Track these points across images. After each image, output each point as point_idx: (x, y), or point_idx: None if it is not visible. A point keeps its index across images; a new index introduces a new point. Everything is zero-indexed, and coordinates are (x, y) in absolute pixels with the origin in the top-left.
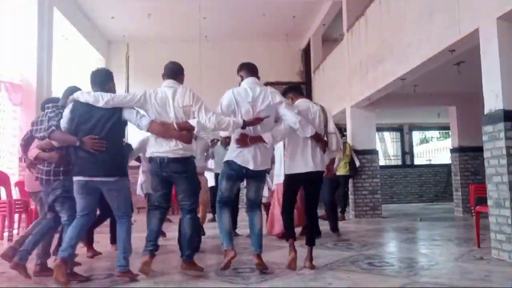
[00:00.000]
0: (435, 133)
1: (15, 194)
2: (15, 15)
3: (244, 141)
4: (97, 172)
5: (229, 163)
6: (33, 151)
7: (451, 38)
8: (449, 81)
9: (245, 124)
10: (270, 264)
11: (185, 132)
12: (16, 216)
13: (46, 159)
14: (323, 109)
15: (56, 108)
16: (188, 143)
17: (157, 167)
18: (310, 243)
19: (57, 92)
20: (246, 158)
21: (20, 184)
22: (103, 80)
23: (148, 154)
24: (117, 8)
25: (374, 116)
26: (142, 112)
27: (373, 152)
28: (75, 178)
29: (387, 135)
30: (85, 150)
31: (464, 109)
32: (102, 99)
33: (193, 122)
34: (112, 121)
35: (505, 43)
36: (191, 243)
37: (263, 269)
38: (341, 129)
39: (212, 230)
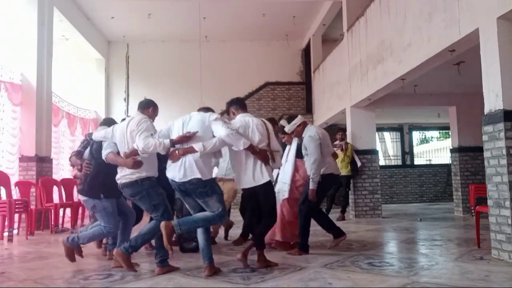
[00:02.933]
0: (435, 133)
1: (15, 194)
2: (15, 15)
3: (174, 155)
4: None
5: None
6: None
7: (451, 38)
8: (449, 81)
9: (173, 143)
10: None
11: (128, 159)
12: (16, 216)
13: None
14: (265, 124)
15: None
16: (132, 167)
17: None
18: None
19: (57, 92)
20: (172, 171)
21: (20, 184)
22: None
23: None
24: (117, 8)
25: (374, 116)
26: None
27: (373, 152)
28: None
29: (387, 135)
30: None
31: (464, 109)
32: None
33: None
34: (94, 148)
35: (505, 43)
36: (137, 241)
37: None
38: (343, 129)
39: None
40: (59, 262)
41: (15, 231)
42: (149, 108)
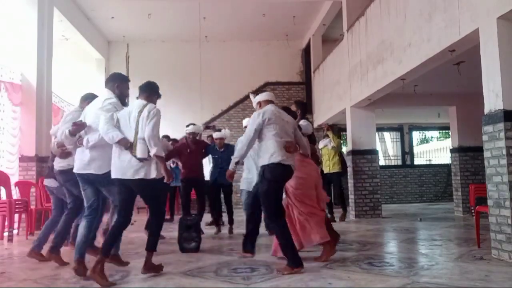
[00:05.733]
0: (435, 133)
1: (15, 194)
2: (15, 15)
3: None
4: None
5: None
6: None
7: (451, 38)
8: (449, 81)
9: (70, 133)
10: (270, 264)
11: (58, 149)
12: (16, 216)
13: None
14: (141, 109)
15: None
16: (60, 157)
17: None
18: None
19: (57, 92)
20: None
21: (20, 184)
22: None
23: None
24: (117, 8)
25: (374, 116)
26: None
27: (373, 152)
28: None
29: (387, 135)
30: None
31: (464, 109)
32: None
33: None
34: None
35: (505, 43)
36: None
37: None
38: (339, 129)
39: (212, 230)
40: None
41: (15, 231)
42: (84, 101)
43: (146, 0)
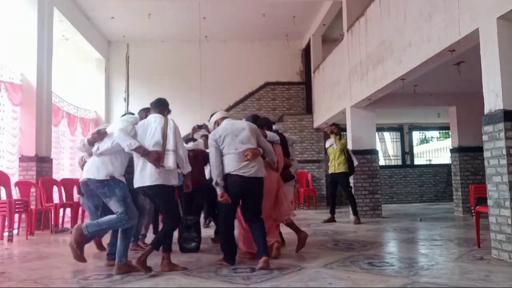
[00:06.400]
0: (435, 133)
1: (15, 194)
2: (15, 15)
3: None
4: None
5: None
6: None
7: (451, 38)
8: (449, 81)
9: (89, 142)
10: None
11: None
12: (16, 216)
13: None
14: (165, 122)
15: None
16: None
17: None
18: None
19: (57, 92)
20: None
21: (20, 184)
22: None
23: None
24: (117, 8)
25: (374, 116)
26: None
27: (373, 152)
28: None
29: (387, 135)
30: None
31: (464, 109)
32: None
33: None
34: None
35: (505, 43)
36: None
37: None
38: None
39: (210, 230)
40: (59, 262)
41: (15, 231)
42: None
43: (146, 0)
